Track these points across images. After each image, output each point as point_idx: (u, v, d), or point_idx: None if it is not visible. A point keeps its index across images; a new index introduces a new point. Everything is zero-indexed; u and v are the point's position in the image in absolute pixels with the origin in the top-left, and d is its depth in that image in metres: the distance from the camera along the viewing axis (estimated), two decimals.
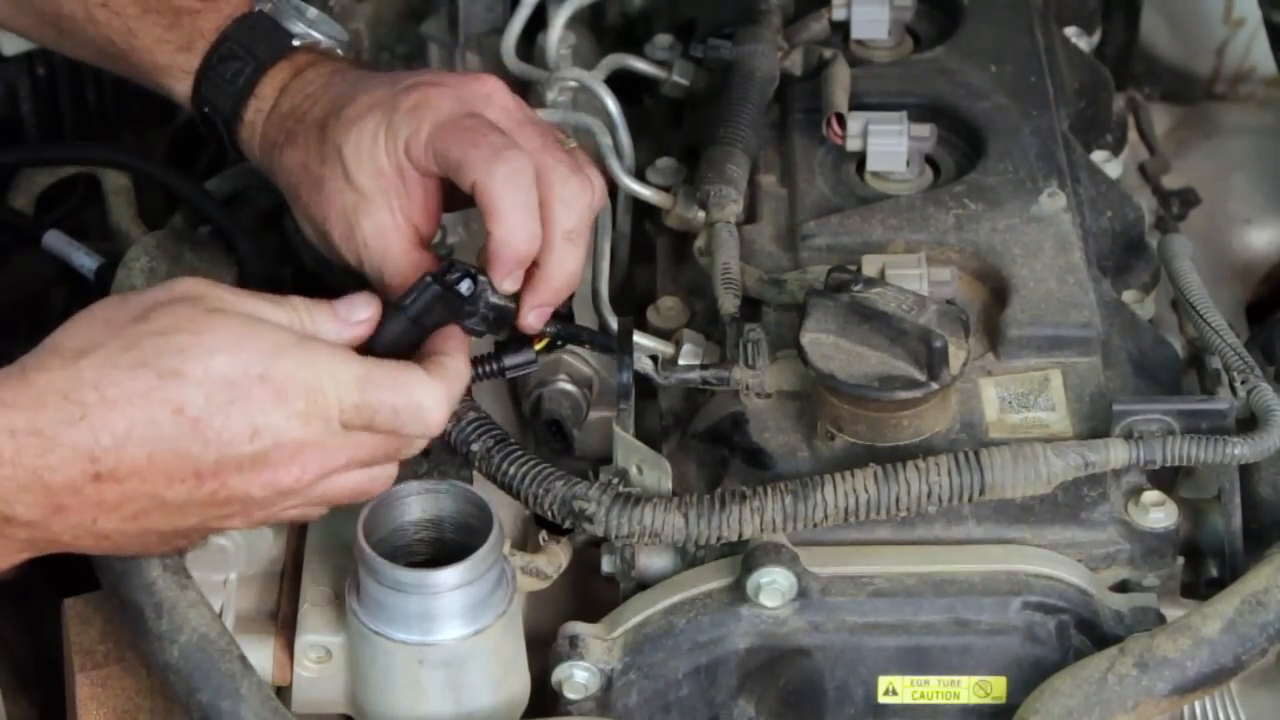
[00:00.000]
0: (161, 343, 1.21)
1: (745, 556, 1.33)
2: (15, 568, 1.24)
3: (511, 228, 1.34)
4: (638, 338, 1.43)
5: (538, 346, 1.39)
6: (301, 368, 1.22)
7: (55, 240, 1.67)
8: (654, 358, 1.42)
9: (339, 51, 1.49)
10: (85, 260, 1.65)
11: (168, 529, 1.24)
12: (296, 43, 1.46)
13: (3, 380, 1.19)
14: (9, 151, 1.80)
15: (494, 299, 1.35)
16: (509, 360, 1.38)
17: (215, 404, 1.20)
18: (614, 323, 1.50)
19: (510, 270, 1.35)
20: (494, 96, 1.40)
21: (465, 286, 1.33)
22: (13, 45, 1.86)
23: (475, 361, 1.36)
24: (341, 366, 1.24)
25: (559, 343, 1.40)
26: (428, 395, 1.26)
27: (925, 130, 1.54)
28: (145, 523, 1.23)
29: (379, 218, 1.38)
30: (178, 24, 1.47)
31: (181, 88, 1.48)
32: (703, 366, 1.42)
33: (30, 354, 1.21)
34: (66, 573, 1.37)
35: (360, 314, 1.29)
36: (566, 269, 1.37)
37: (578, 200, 1.37)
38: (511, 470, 1.35)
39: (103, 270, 1.63)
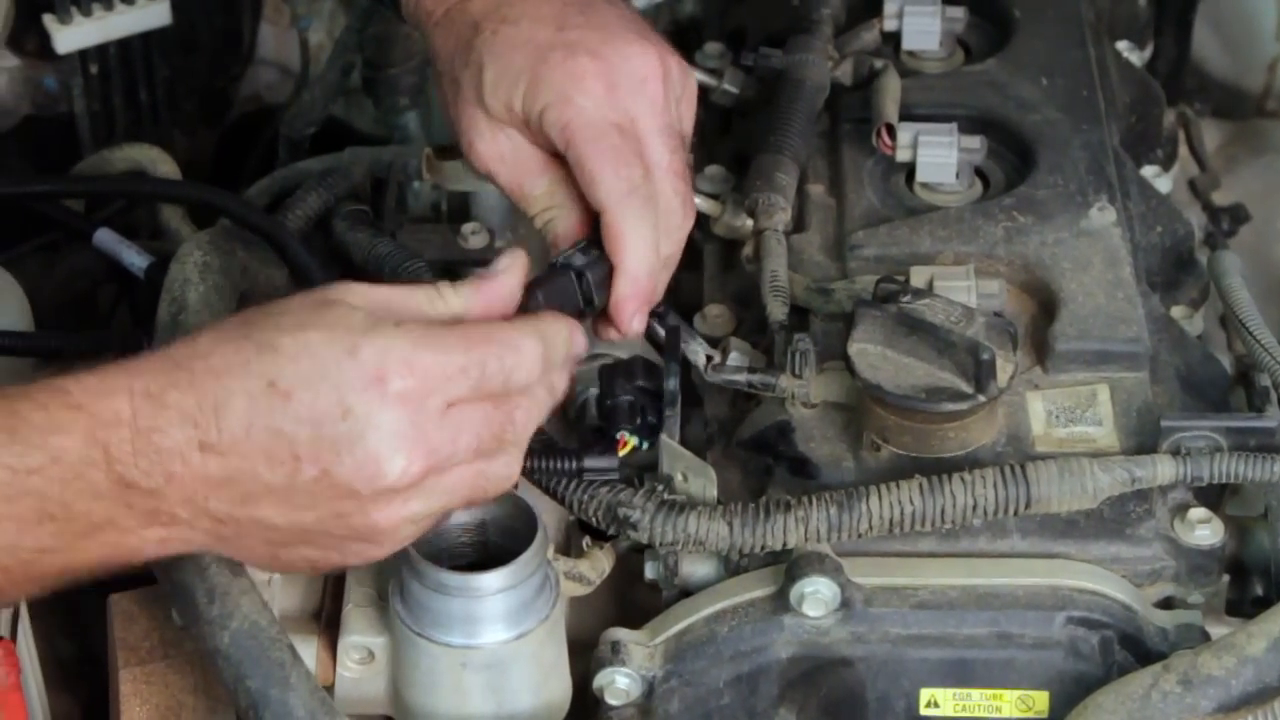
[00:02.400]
0: (266, 319, 1.22)
1: (789, 566, 1.32)
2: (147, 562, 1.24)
3: (639, 263, 1.35)
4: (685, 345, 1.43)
5: (621, 451, 1.38)
6: (397, 343, 1.20)
7: (106, 238, 1.68)
8: (709, 356, 1.42)
9: None
10: (135, 259, 1.66)
11: (284, 524, 1.21)
12: None
13: (135, 356, 1.22)
14: (51, 181, 1.79)
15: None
16: (590, 462, 1.36)
17: (303, 378, 1.19)
18: (661, 330, 1.50)
19: (636, 309, 1.35)
20: (646, 85, 1.38)
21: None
22: (66, 43, 1.87)
23: (554, 454, 1.35)
24: (437, 333, 1.22)
25: (643, 445, 1.38)
26: (523, 338, 1.24)
27: (975, 142, 1.54)
28: (256, 510, 1.21)
29: (512, 138, 1.38)
30: None
31: None
32: (750, 369, 1.42)
33: None
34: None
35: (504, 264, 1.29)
36: (658, 291, 1.39)
37: (682, 230, 1.39)
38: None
39: (152, 268, 1.64)
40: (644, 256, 1.35)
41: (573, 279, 1.34)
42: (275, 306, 1.24)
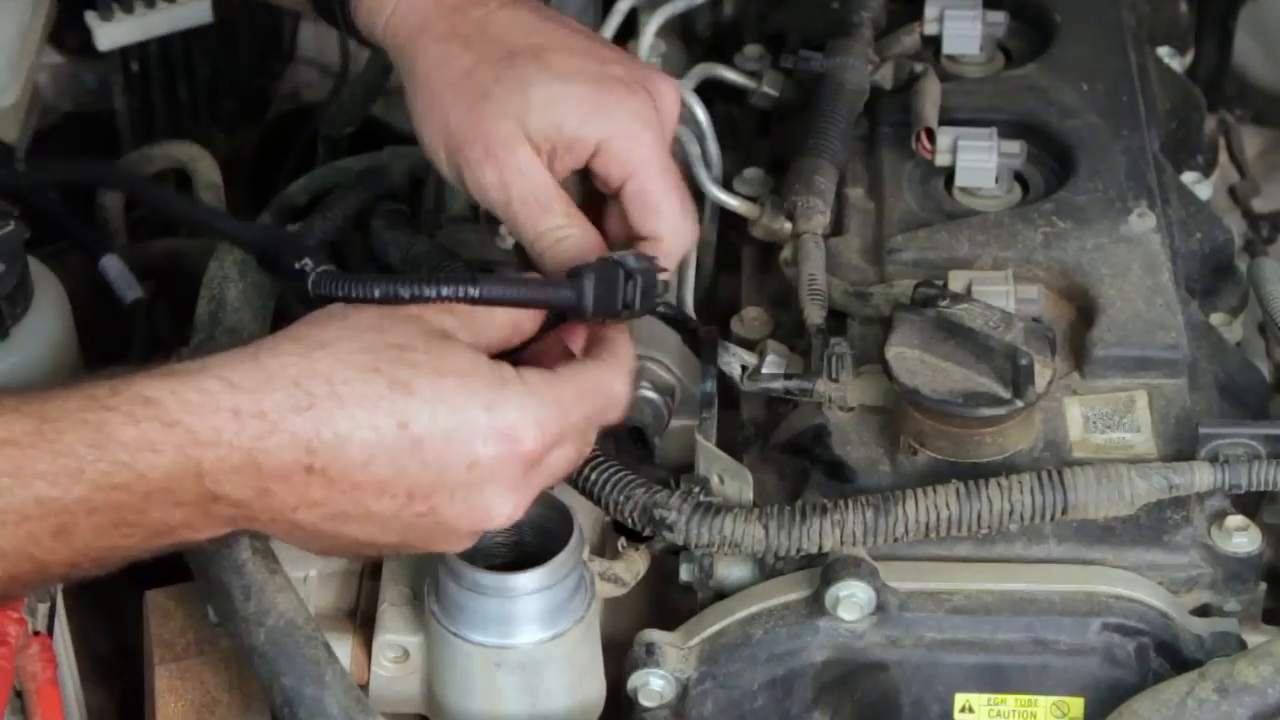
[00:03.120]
0: (397, 354, 1.20)
1: (824, 569, 1.32)
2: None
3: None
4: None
5: None
6: (530, 404, 1.22)
7: (111, 265, 1.67)
8: (744, 366, 1.42)
9: None
10: (127, 293, 1.66)
11: (363, 540, 1.23)
12: None
13: (235, 362, 1.19)
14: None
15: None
16: None
17: (439, 426, 1.20)
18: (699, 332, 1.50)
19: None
20: (664, 107, 1.40)
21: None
22: (107, 40, 1.88)
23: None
24: (559, 393, 1.24)
25: None
26: (618, 383, 1.28)
27: (1015, 147, 1.54)
28: (343, 527, 1.22)
29: (530, 159, 1.36)
30: None
31: None
32: (786, 376, 1.42)
33: (265, 339, 1.22)
34: (147, 565, 1.38)
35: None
36: None
37: (686, 241, 1.41)
38: (593, 476, 1.35)
39: (137, 303, 1.64)
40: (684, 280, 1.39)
41: (622, 277, 1.32)
42: (388, 330, 1.22)
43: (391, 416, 1.19)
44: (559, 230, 1.36)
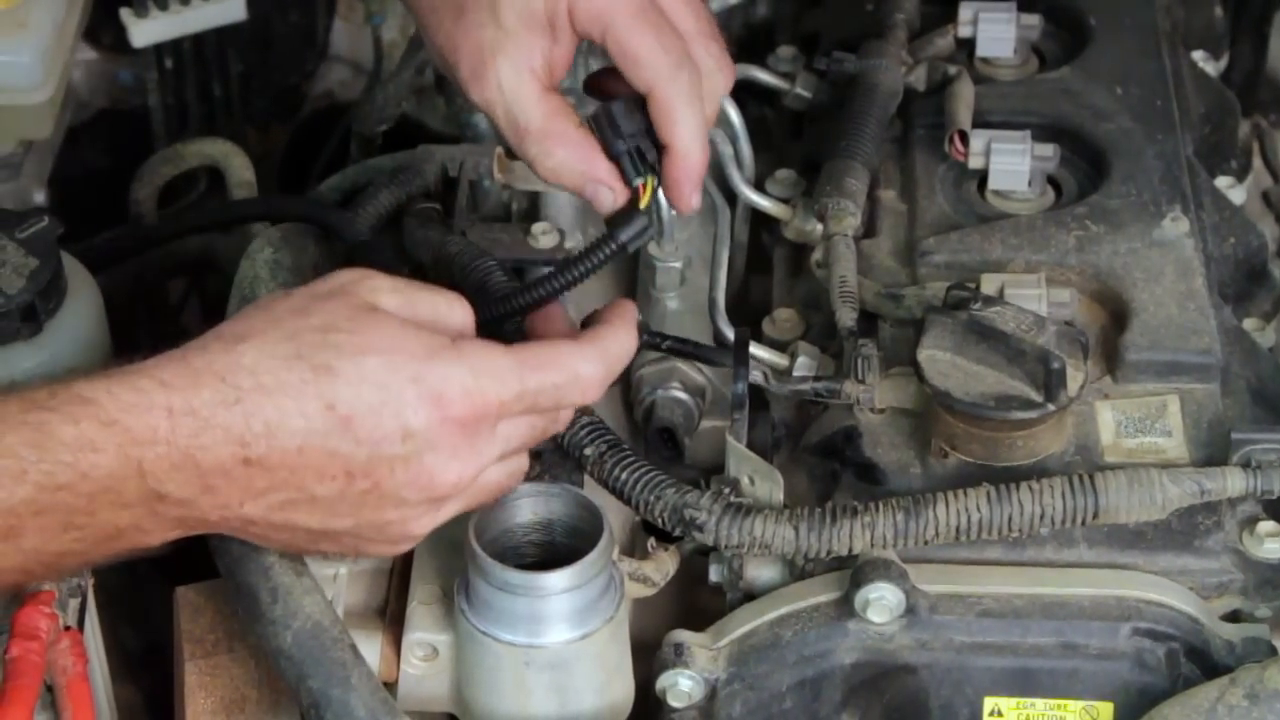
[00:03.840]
0: (318, 339, 1.21)
1: (854, 571, 1.32)
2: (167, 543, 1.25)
3: (692, 141, 1.33)
4: (753, 349, 1.43)
5: (645, 198, 1.35)
6: (456, 370, 1.22)
7: None
8: (764, 373, 1.42)
9: None
10: None
11: (316, 527, 1.24)
12: None
13: (165, 362, 1.21)
14: None
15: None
16: (624, 235, 1.35)
17: (366, 403, 1.20)
18: (730, 333, 1.50)
19: (694, 187, 1.34)
20: None
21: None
22: (142, 37, 1.88)
23: (592, 252, 1.35)
24: (495, 361, 1.24)
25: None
26: (584, 364, 1.27)
27: (1048, 150, 1.53)
28: (293, 515, 1.23)
29: (517, 59, 1.34)
30: None
31: None
32: (815, 378, 1.42)
33: (194, 340, 1.22)
34: (177, 561, 1.39)
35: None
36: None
37: (721, 93, 1.39)
38: (623, 476, 1.35)
39: None
40: (696, 133, 1.33)
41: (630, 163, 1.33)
42: (313, 312, 1.23)
43: (318, 400, 1.20)
44: (536, 154, 1.35)
